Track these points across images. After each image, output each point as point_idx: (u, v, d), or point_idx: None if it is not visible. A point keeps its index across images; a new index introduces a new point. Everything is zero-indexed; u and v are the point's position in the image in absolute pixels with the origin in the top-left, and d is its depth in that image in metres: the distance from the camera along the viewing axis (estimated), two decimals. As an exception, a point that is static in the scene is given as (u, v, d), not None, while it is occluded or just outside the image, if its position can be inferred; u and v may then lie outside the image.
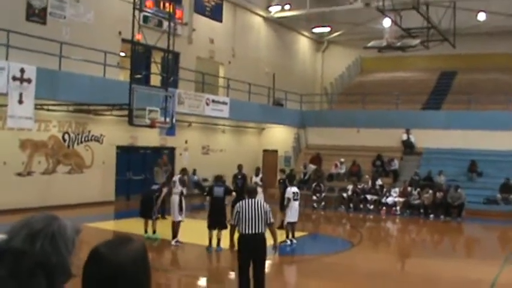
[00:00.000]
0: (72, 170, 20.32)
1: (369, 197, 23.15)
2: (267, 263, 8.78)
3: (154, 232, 14.22)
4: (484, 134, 24.71)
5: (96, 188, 21.02)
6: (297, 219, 14.70)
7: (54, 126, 19.63)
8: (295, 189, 14.81)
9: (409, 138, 26.89)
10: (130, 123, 16.22)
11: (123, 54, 21.70)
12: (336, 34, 35.71)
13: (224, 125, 28.22)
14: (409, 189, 22.72)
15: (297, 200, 14.58)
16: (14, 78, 14.70)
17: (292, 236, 14.54)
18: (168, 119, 16.98)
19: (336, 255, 14.16)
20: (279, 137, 30.51)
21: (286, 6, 30.67)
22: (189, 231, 14.51)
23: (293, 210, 14.42)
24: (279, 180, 18.94)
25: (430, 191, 22.00)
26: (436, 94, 30.44)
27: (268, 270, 8.82)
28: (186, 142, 25.48)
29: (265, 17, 31.40)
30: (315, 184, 24.00)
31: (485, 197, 22.48)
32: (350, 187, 23.55)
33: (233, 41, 28.68)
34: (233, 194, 14.32)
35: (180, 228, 13.79)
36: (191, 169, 23.64)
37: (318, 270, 12.19)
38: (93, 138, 21.11)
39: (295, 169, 25.28)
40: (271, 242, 8.65)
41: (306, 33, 36.03)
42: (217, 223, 12.94)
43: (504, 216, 21.10)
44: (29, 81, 15.02)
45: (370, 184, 23.81)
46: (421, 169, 24.64)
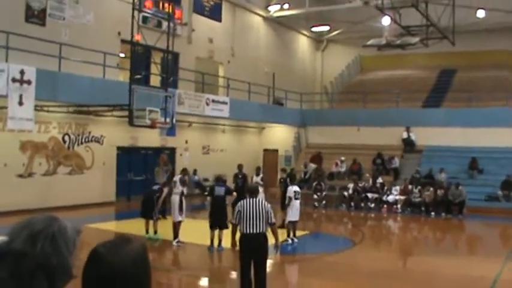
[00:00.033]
0: (72, 171, 20.32)
1: (369, 195, 23.14)
2: (269, 263, 8.77)
3: (155, 232, 14.23)
4: (485, 131, 24.70)
5: (96, 188, 21.02)
6: (298, 218, 14.72)
7: (55, 128, 19.63)
8: (296, 188, 14.82)
9: (409, 136, 26.89)
10: (131, 123, 16.24)
11: (122, 55, 21.70)
12: (335, 33, 35.73)
13: (224, 125, 28.22)
14: (410, 187, 22.71)
15: (298, 199, 14.59)
16: (13, 80, 14.70)
17: (294, 235, 14.54)
18: (168, 119, 16.99)
19: (337, 254, 14.15)
20: (280, 136, 30.50)
21: (285, 6, 30.68)
22: (190, 231, 14.52)
23: (294, 209, 14.44)
24: (280, 180, 18.92)
25: (431, 188, 21.99)
26: (436, 92, 30.44)
27: (269, 269, 8.81)
28: (186, 142, 25.49)
29: (265, 17, 31.40)
30: (315, 183, 23.99)
31: (486, 194, 22.48)
32: (351, 186, 23.55)
33: (232, 40, 28.68)
34: (234, 194, 14.30)
35: (181, 228, 13.80)
36: (192, 169, 23.65)
37: (319, 269, 12.19)
38: (93, 139, 21.11)
39: (295, 168, 25.28)
40: (272, 241, 8.65)
41: (305, 32, 36.04)
42: (219, 223, 12.95)
43: (505, 213, 21.09)
44: (28, 82, 15.01)
45: (371, 182, 23.80)
46: (421, 167, 24.64)
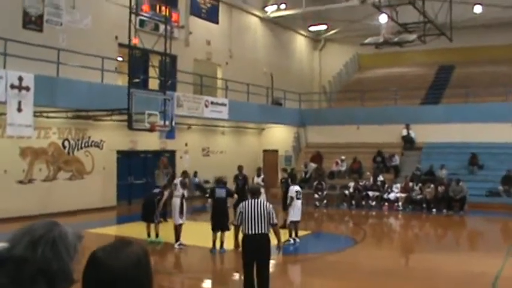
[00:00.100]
0: (73, 176, 20.32)
1: (370, 193, 23.15)
2: (271, 263, 8.77)
3: (157, 236, 14.22)
4: (484, 126, 24.71)
5: (97, 193, 21.02)
6: (300, 218, 14.72)
7: (54, 133, 19.64)
8: (297, 188, 14.82)
9: (409, 133, 26.90)
10: (130, 127, 16.25)
11: (120, 59, 21.70)
12: (332, 32, 35.75)
13: (224, 127, 28.22)
14: (411, 184, 22.71)
15: (299, 198, 14.59)
16: (12, 87, 14.70)
17: (296, 235, 14.55)
18: (167, 122, 17.00)
19: (339, 253, 14.15)
20: (279, 136, 30.50)
21: (282, 6, 30.70)
22: (191, 234, 14.52)
23: (296, 209, 14.44)
24: (281, 180, 18.92)
25: (431, 185, 22.00)
26: (435, 88, 30.46)
27: (272, 269, 8.82)
28: (186, 145, 25.49)
29: (262, 17, 31.42)
30: (316, 182, 24.00)
31: (487, 190, 22.50)
32: (351, 184, 23.57)
33: (230, 42, 28.69)
34: (235, 196, 14.29)
35: (183, 230, 13.80)
36: (192, 171, 23.65)
37: (321, 268, 12.19)
38: (93, 143, 21.11)
39: (296, 168, 25.29)
40: (274, 242, 8.65)
41: (302, 32, 36.06)
42: (220, 225, 12.95)
43: (506, 208, 21.11)
44: (27, 89, 15.01)
45: (371, 181, 23.80)
46: (421, 164, 24.66)
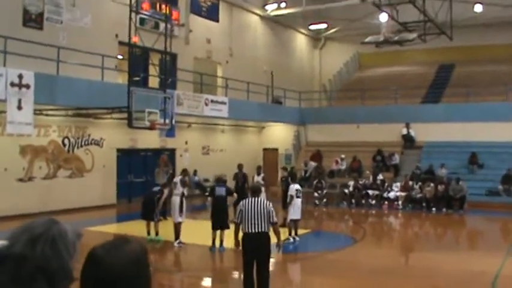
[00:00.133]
0: (73, 174, 20.33)
1: (370, 192, 23.15)
2: (271, 262, 8.77)
3: (157, 234, 14.22)
4: (484, 125, 24.69)
5: (97, 191, 21.03)
6: (300, 217, 14.73)
7: (54, 131, 19.64)
8: (297, 187, 14.83)
9: (409, 132, 26.90)
10: (130, 125, 16.24)
11: (120, 57, 21.69)
12: (332, 30, 35.72)
13: (224, 125, 28.23)
14: (411, 183, 22.72)
15: (299, 197, 14.60)
16: (12, 84, 14.69)
17: (295, 233, 14.56)
18: (167, 121, 16.99)
19: (339, 252, 14.16)
20: (279, 135, 30.51)
21: (282, 4, 30.66)
22: (191, 232, 14.53)
23: (296, 207, 14.45)
24: (281, 178, 18.92)
25: (431, 184, 22.00)
26: (435, 87, 30.44)
27: (272, 268, 8.82)
28: (186, 143, 25.50)
29: (262, 16, 31.40)
30: (316, 181, 24.01)
31: (487, 189, 22.50)
32: (351, 183, 23.57)
33: (230, 40, 28.68)
34: (234, 195, 14.30)
35: (182, 229, 13.80)
36: (192, 170, 23.65)
37: (321, 267, 12.20)
38: (93, 142, 21.11)
39: (296, 167, 25.28)
40: (274, 240, 8.66)
41: (302, 31, 36.03)
42: (220, 223, 12.95)
43: (506, 207, 21.10)
44: (27, 86, 15.01)
45: (371, 179, 23.81)
46: (421, 163, 24.66)
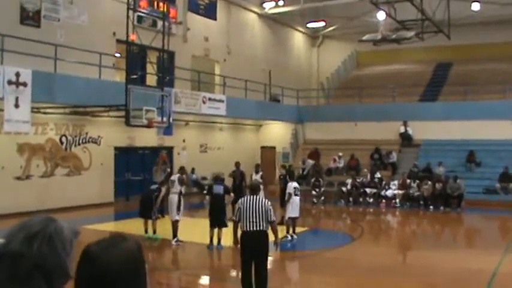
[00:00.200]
0: (70, 172, 20.29)
1: (368, 190, 23.17)
2: (269, 260, 8.77)
3: (154, 232, 14.21)
4: (482, 124, 24.72)
5: (95, 189, 21.00)
6: (298, 215, 14.73)
7: (52, 129, 19.60)
8: (295, 185, 14.81)
9: (406, 130, 26.91)
10: (128, 123, 16.22)
11: (118, 55, 21.65)
12: (330, 28, 35.69)
13: (221, 123, 28.21)
14: (408, 181, 22.74)
15: (297, 195, 14.59)
16: (9, 82, 14.66)
17: (293, 231, 14.56)
18: (165, 119, 16.98)
19: (336, 250, 14.17)
20: (277, 133, 30.50)
21: (280, 2, 30.64)
22: (189, 230, 14.53)
23: (294, 205, 14.44)
24: (280, 176, 18.94)
25: (429, 182, 22.02)
26: (433, 86, 30.47)
27: (269, 266, 8.82)
28: (184, 141, 25.47)
29: (260, 14, 31.38)
30: (314, 179, 24.01)
31: (484, 187, 22.52)
32: (349, 181, 23.57)
33: (228, 38, 28.65)
34: (231, 194, 14.29)
35: (180, 227, 13.79)
36: (190, 168, 23.64)
37: (319, 265, 12.20)
38: (90, 140, 21.08)
39: (293, 165, 25.27)
40: (272, 238, 8.66)
41: (300, 29, 36.01)
42: (218, 221, 12.95)
43: (503, 205, 21.14)
44: (24, 84, 14.97)
45: (369, 177, 23.82)
46: (419, 161, 24.68)
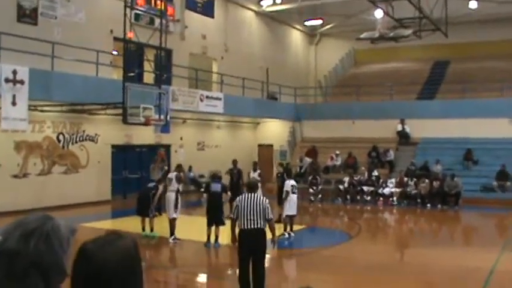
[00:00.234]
0: (67, 170, 20.27)
1: (365, 188, 23.17)
2: (266, 258, 8.78)
3: (151, 230, 14.21)
4: (479, 122, 24.75)
5: (92, 187, 20.98)
6: (296, 212, 14.72)
7: (49, 127, 19.56)
8: (293, 182, 14.80)
9: (404, 128, 26.92)
10: (125, 121, 16.19)
11: (115, 52, 21.62)
12: (328, 26, 35.64)
13: (219, 121, 28.19)
14: (406, 179, 22.75)
15: (295, 193, 14.58)
16: (6, 80, 14.62)
17: (291, 229, 14.56)
18: (162, 117, 16.95)
19: (334, 248, 14.18)
20: (274, 131, 30.49)
21: (278, 0, 30.57)
22: (186, 228, 14.52)
23: (291, 203, 14.43)
24: (277, 174, 18.94)
25: (426, 180, 22.05)
26: (430, 84, 30.48)
27: (267, 263, 8.83)
28: (181, 139, 25.44)
29: (257, 11, 31.33)
30: (311, 177, 24.01)
31: (482, 185, 22.55)
32: (346, 179, 23.59)
33: (225, 36, 28.61)
34: (228, 193, 14.28)
35: (177, 225, 13.78)
36: (187, 165, 23.62)
37: (316, 263, 12.21)
38: (87, 137, 21.05)
39: (291, 163, 25.30)
40: (269, 236, 8.66)
41: (298, 27, 35.98)
42: (215, 219, 12.94)
43: (501, 203, 21.18)
44: (21, 82, 14.94)
45: (366, 175, 23.82)
46: (416, 159, 24.70)
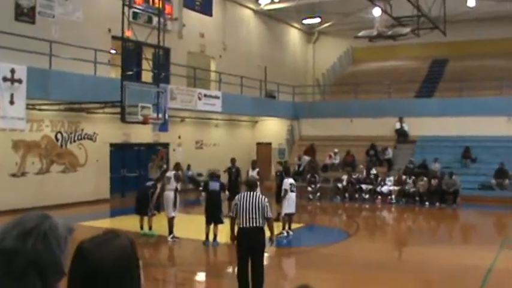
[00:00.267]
0: (66, 169, 20.25)
1: (364, 186, 23.18)
2: (265, 256, 8.78)
3: (150, 228, 14.20)
4: (478, 120, 24.78)
5: (90, 186, 20.96)
6: (294, 211, 14.73)
7: (47, 126, 19.54)
8: (291, 181, 14.83)
9: (402, 126, 26.94)
10: (123, 120, 16.18)
11: (113, 51, 21.59)
12: (326, 25, 35.64)
13: (217, 119, 28.19)
14: (404, 177, 22.76)
15: (293, 191, 14.60)
16: (4, 79, 14.60)
17: (289, 227, 14.57)
18: (160, 115, 16.95)
19: (332, 246, 14.19)
20: (273, 129, 30.49)
21: (276, -1, 30.59)
22: (185, 227, 14.53)
23: (290, 201, 14.45)
24: (276, 173, 18.94)
25: (424, 178, 22.06)
26: (428, 82, 30.49)
27: (266, 262, 8.83)
28: (179, 137, 25.43)
29: (255, 10, 31.31)
30: (309, 175, 24.01)
31: (480, 183, 22.58)
32: (345, 177, 23.59)
33: (223, 34, 28.59)
34: (226, 193, 14.26)
35: (176, 223, 13.79)
36: (185, 164, 23.60)
37: (314, 261, 12.22)
38: (86, 136, 21.03)
39: (289, 161, 25.29)
40: (268, 234, 8.66)
41: (296, 25, 35.97)
42: (213, 217, 12.94)
43: (499, 201, 21.19)
44: (19, 81, 14.91)
45: (364, 174, 23.84)
46: (414, 157, 24.72)
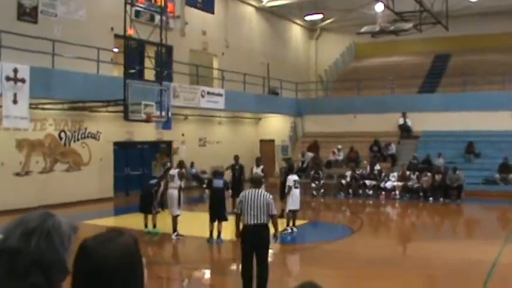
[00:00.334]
0: (69, 168, 20.29)
1: (367, 182, 23.17)
2: (269, 252, 8.79)
3: (154, 226, 14.22)
4: (481, 115, 24.71)
5: (94, 184, 21.00)
6: (299, 207, 14.75)
7: (50, 125, 19.58)
8: (295, 177, 14.83)
9: (405, 122, 26.89)
10: (126, 118, 16.22)
11: (116, 50, 21.62)
12: (328, 21, 35.56)
13: (220, 117, 28.20)
14: (408, 173, 22.75)
15: (297, 187, 14.61)
16: (7, 79, 14.63)
17: (293, 224, 14.57)
18: (163, 113, 16.98)
19: (336, 242, 14.20)
20: (276, 126, 30.48)
21: (278, -5, 30.58)
22: (189, 224, 14.55)
23: (294, 197, 14.46)
24: (281, 169, 18.94)
25: (428, 174, 22.03)
26: (431, 77, 30.43)
27: (270, 259, 8.84)
28: (182, 135, 25.44)
29: (257, 7, 31.29)
30: (313, 172, 24.02)
31: (484, 178, 22.54)
32: (348, 173, 23.58)
33: (226, 32, 28.58)
34: (229, 191, 14.25)
35: (180, 221, 13.80)
36: (189, 162, 23.62)
37: (318, 257, 12.24)
38: (89, 135, 21.07)
39: (292, 158, 25.28)
40: (272, 231, 8.68)
41: (298, 21, 35.91)
42: (217, 215, 12.96)
43: (503, 196, 21.15)
44: (22, 81, 14.95)
45: (368, 169, 23.82)
46: (418, 152, 24.68)
